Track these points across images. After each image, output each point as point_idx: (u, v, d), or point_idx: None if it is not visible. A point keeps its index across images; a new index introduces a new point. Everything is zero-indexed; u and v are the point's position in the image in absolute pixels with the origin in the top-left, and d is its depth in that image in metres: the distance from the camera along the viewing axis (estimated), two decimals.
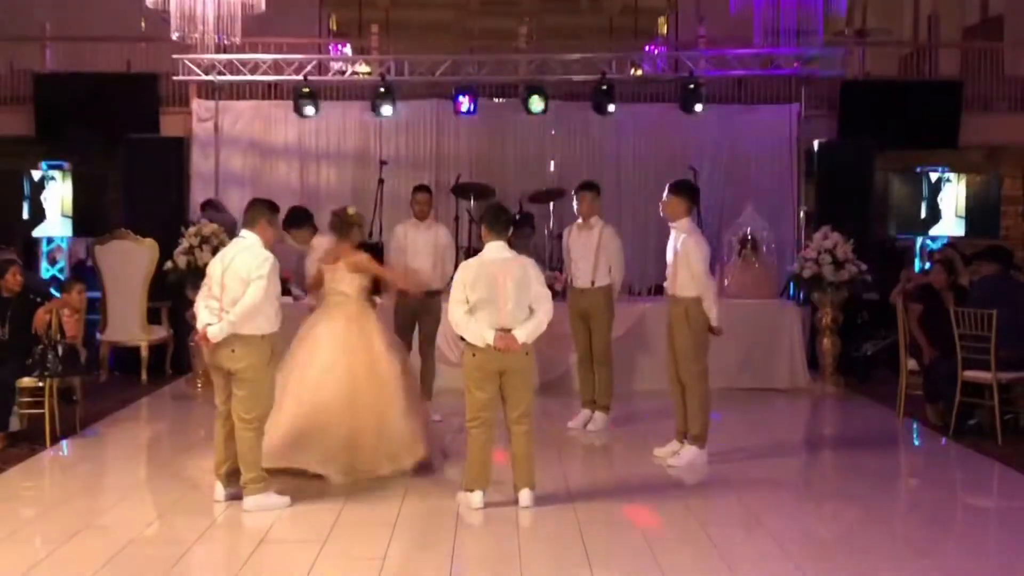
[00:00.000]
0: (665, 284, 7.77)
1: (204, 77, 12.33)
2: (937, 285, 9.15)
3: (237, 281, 6.32)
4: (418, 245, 9.03)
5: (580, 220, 8.89)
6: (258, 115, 13.40)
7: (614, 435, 8.65)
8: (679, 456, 7.58)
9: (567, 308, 8.87)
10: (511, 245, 6.55)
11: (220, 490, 6.52)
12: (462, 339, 6.42)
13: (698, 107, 12.33)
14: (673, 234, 7.62)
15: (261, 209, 6.61)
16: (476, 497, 6.40)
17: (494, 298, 6.26)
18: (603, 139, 13.37)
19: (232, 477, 6.49)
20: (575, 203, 8.94)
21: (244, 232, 6.54)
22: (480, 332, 6.25)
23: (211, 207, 12.21)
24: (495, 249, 6.42)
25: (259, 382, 6.37)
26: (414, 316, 9.02)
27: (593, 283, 8.72)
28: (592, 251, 8.73)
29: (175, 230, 10.70)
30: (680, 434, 7.67)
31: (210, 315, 6.35)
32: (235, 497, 6.45)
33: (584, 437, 8.64)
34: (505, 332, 6.25)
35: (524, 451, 6.46)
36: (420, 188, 9.34)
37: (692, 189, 7.82)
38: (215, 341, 6.31)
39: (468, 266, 6.45)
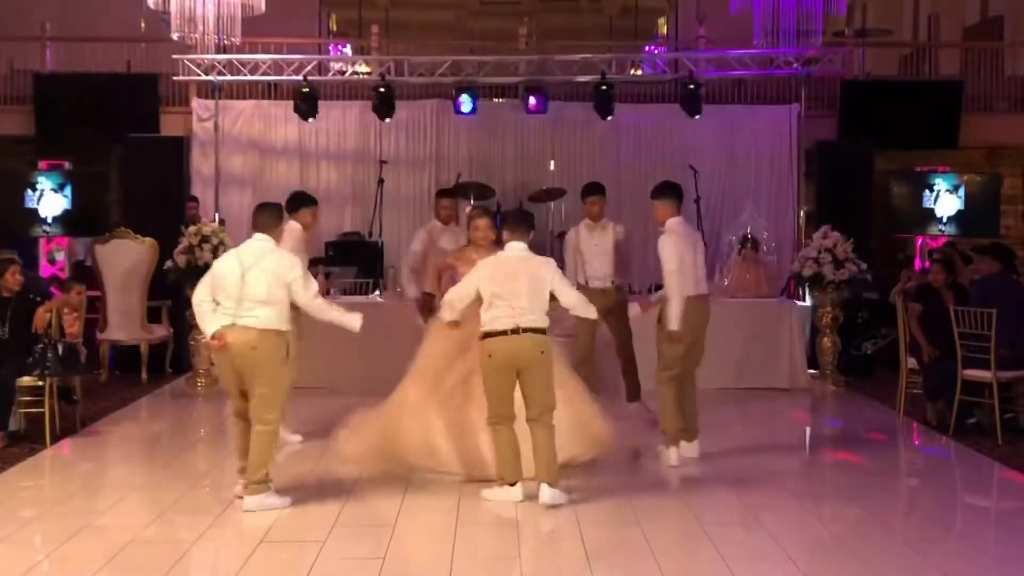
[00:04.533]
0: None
1: (204, 77, 12.30)
2: (936, 284, 9.15)
3: (275, 281, 6.33)
4: (444, 247, 8.91)
5: (589, 221, 8.87)
6: (258, 115, 13.41)
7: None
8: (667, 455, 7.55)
9: None
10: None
11: (241, 486, 6.50)
12: (484, 336, 6.50)
13: (699, 113, 12.34)
14: None
15: (276, 212, 6.69)
16: (517, 490, 6.52)
17: (509, 293, 6.48)
18: (603, 139, 13.37)
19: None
20: (584, 205, 8.88)
21: (259, 235, 6.52)
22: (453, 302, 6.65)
23: (193, 201, 12.48)
24: (514, 248, 6.68)
25: (277, 378, 6.39)
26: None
27: (613, 282, 8.74)
28: (609, 250, 8.73)
29: (175, 230, 10.69)
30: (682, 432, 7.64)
31: (223, 316, 6.36)
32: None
33: None
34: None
35: (545, 447, 6.52)
36: (443, 193, 9.27)
37: (672, 189, 7.72)
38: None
39: (487, 262, 6.72)
